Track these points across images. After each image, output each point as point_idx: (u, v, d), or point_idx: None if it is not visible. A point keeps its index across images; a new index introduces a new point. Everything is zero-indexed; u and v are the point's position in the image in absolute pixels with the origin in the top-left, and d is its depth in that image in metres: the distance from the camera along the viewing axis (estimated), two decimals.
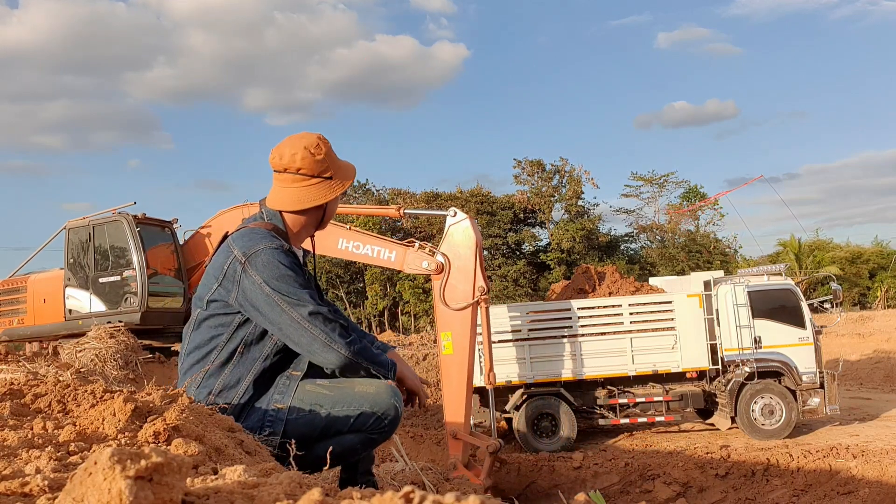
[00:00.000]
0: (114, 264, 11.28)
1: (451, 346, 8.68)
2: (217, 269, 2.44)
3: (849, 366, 17.09)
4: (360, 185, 40.56)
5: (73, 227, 11.60)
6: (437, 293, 8.81)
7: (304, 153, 2.48)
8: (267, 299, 2.32)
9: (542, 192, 38.08)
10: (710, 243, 39.30)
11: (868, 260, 40.19)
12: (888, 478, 8.21)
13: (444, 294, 8.70)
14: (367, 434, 2.38)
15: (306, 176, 2.51)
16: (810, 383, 11.44)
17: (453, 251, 8.77)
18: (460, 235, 8.79)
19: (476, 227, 8.98)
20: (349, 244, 9.44)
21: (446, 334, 8.73)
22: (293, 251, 2.47)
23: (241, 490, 1.10)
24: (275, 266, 2.33)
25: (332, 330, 2.34)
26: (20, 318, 11.81)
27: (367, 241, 9.47)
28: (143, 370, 9.55)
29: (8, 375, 3.43)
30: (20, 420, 1.92)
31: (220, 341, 2.42)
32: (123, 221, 11.18)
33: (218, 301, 2.42)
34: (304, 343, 2.34)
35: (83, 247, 11.46)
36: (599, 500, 1.55)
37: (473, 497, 0.85)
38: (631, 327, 11.72)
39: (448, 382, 8.70)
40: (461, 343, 8.66)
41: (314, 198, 2.52)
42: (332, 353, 2.33)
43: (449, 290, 8.69)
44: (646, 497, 8.99)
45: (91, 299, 11.27)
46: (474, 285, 8.72)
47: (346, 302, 37.74)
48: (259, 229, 2.47)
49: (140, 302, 10.92)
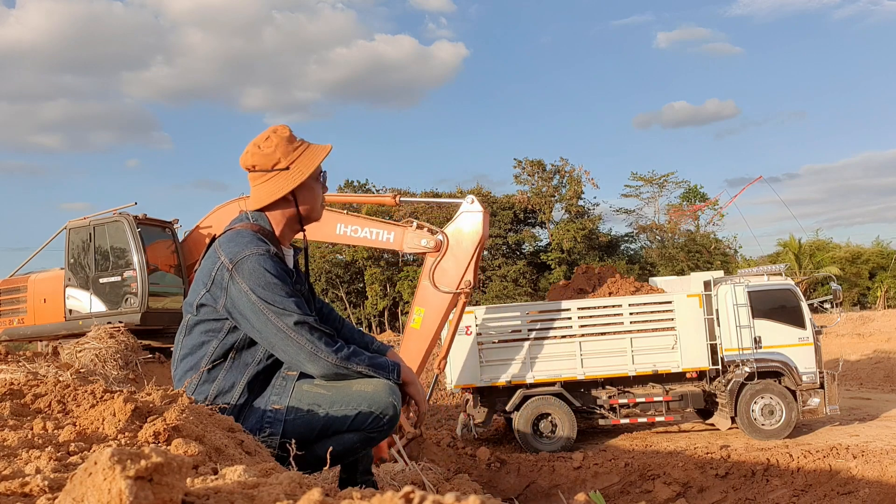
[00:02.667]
0: (114, 265, 11.27)
1: (420, 321, 8.91)
2: (205, 274, 2.42)
3: (849, 366, 17.09)
4: (360, 185, 40.58)
5: (73, 227, 11.57)
6: (427, 269, 8.93)
7: (254, 149, 2.49)
8: (253, 307, 2.30)
9: (543, 192, 38.09)
10: (710, 243, 39.31)
11: (868, 260, 40.17)
12: (888, 478, 8.21)
13: (433, 273, 8.84)
14: (366, 433, 2.36)
15: (262, 172, 2.50)
16: (810, 383, 11.45)
17: (457, 236, 8.88)
18: (470, 225, 8.89)
19: (487, 222, 9.11)
20: (347, 229, 9.58)
21: (419, 309, 8.95)
22: (279, 255, 2.43)
23: (241, 490, 1.10)
24: (261, 274, 2.31)
25: (317, 339, 2.30)
26: (20, 318, 11.77)
27: (366, 224, 9.59)
28: (143, 370, 9.55)
29: (8, 375, 3.44)
30: (20, 420, 1.92)
31: (211, 347, 2.41)
32: (124, 222, 11.17)
33: (207, 306, 2.40)
34: (290, 353, 2.32)
35: (84, 247, 11.45)
36: (599, 500, 1.55)
37: (473, 497, 0.86)
38: (631, 327, 11.72)
39: (405, 354, 8.65)
40: (430, 323, 8.85)
41: (271, 192, 2.50)
42: (319, 363, 2.31)
43: (440, 270, 8.82)
44: (646, 497, 8.99)
45: (91, 299, 11.27)
46: (463, 276, 8.82)
47: (346, 302, 37.74)
48: (245, 232, 2.45)
49: (140, 302, 10.92)
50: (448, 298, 8.81)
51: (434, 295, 8.81)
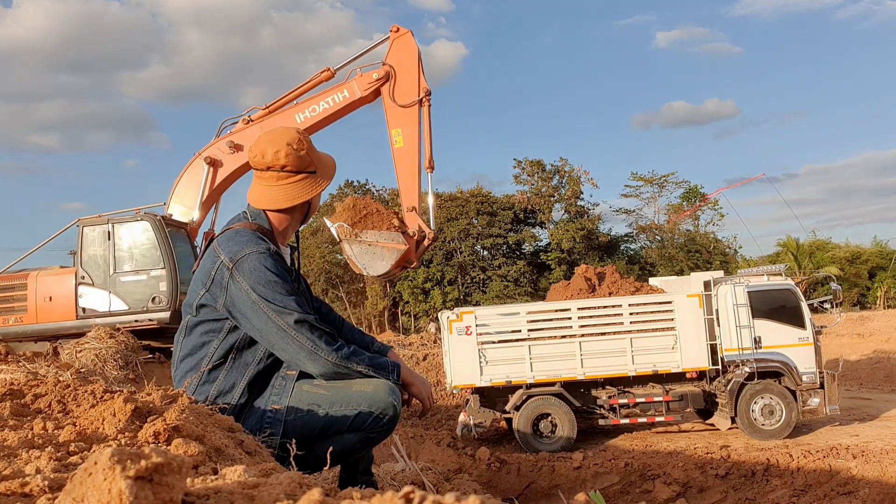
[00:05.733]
0: (139, 263, 11.22)
1: (401, 139, 10.08)
2: (205, 274, 2.41)
3: (849, 366, 17.08)
4: (359, 185, 40.59)
5: (88, 224, 11.42)
6: (387, 95, 10.17)
7: (288, 149, 2.47)
8: (253, 306, 2.30)
9: (542, 193, 38.11)
10: (709, 243, 39.32)
11: (867, 260, 40.17)
12: (888, 478, 8.21)
13: (393, 94, 10.11)
14: (366, 433, 2.36)
15: (291, 173, 2.50)
16: (810, 383, 11.44)
17: (396, 59, 10.19)
18: (404, 45, 10.23)
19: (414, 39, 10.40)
20: (306, 112, 10.59)
21: (397, 131, 10.12)
22: (280, 254, 2.44)
23: (241, 490, 1.10)
24: (261, 272, 2.30)
25: (318, 338, 2.30)
26: (18, 317, 11.60)
27: (318, 99, 10.64)
28: (143, 370, 9.54)
29: (8, 375, 3.44)
30: (20, 420, 1.92)
31: (212, 347, 2.40)
32: (151, 222, 11.17)
33: (207, 306, 2.40)
34: (290, 351, 2.32)
35: (101, 245, 11.34)
36: (599, 500, 1.55)
37: (473, 497, 0.86)
38: (631, 327, 11.72)
39: (402, 171, 10.12)
40: (410, 136, 10.07)
41: (300, 194, 2.51)
42: (319, 362, 2.30)
43: (398, 92, 10.10)
44: (646, 497, 8.99)
45: (111, 298, 11.21)
46: (419, 86, 10.08)
47: (346, 302, 37.73)
48: (244, 231, 2.44)
49: (170, 301, 10.95)
50: (414, 111, 10.04)
51: (401, 112, 10.03)
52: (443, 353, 12.30)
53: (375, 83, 10.25)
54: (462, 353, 11.62)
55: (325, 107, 10.58)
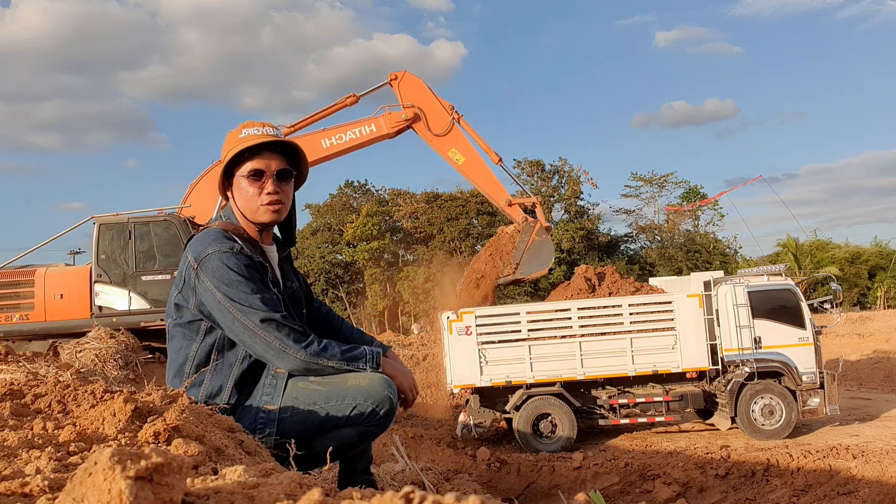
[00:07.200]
0: (162, 264, 11.16)
1: (460, 155, 11.02)
2: (179, 275, 2.42)
3: (849, 366, 17.08)
4: (359, 186, 40.58)
5: (105, 223, 11.30)
6: (425, 131, 10.97)
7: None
8: (219, 306, 2.28)
9: (542, 193, 38.10)
10: (709, 243, 39.31)
11: (867, 260, 40.17)
12: (888, 478, 8.21)
13: (429, 128, 10.94)
14: (364, 427, 2.34)
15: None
16: (810, 383, 11.44)
17: (413, 99, 10.91)
18: (409, 84, 10.90)
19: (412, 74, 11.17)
20: (332, 139, 11.07)
21: (452, 151, 11.08)
22: (246, 252, 2.36)
23: (241, 490, 1.10)
24: (223, 271, 2.28)
25: (286, 336, 2.27)
26: (24, 314, 11.32)
27: (346, 128, 11.17)
28: (143, 370, 9.55)
29: (8, 375, 3.44)
30: (20, 420, 1.92)
31: (192, 351, 2.39)
32: (175, 222, 11.17)
33: (181, 308, 2.39)
34: (258, 350, 2.30)
35: (120, 244, 11.24)
36: (599, 500, 1.55)
37: (473, 497, 0.85)
38: (631, 327, 11.71)
39: (477, 179, 11.37)
40: (465, 149, 11.06)
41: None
42: (287, 360, 2.28)
43: (431, 122, 10.90)
44: (646, 497, 8.98)
45: (130, 297, 11.16)
46: (445, 112, 10.93)
47: (346, 302, 37.73)
48: (213, 230, 2.43)
49: None
50: (456, 131, 11.02)
51: (447, 138, 10.94)
52: (443, 353, 12.30)
53: (404, 123, 11.10)
54: (462, 353, 11.62)
55: (351, 137, 11.21)
